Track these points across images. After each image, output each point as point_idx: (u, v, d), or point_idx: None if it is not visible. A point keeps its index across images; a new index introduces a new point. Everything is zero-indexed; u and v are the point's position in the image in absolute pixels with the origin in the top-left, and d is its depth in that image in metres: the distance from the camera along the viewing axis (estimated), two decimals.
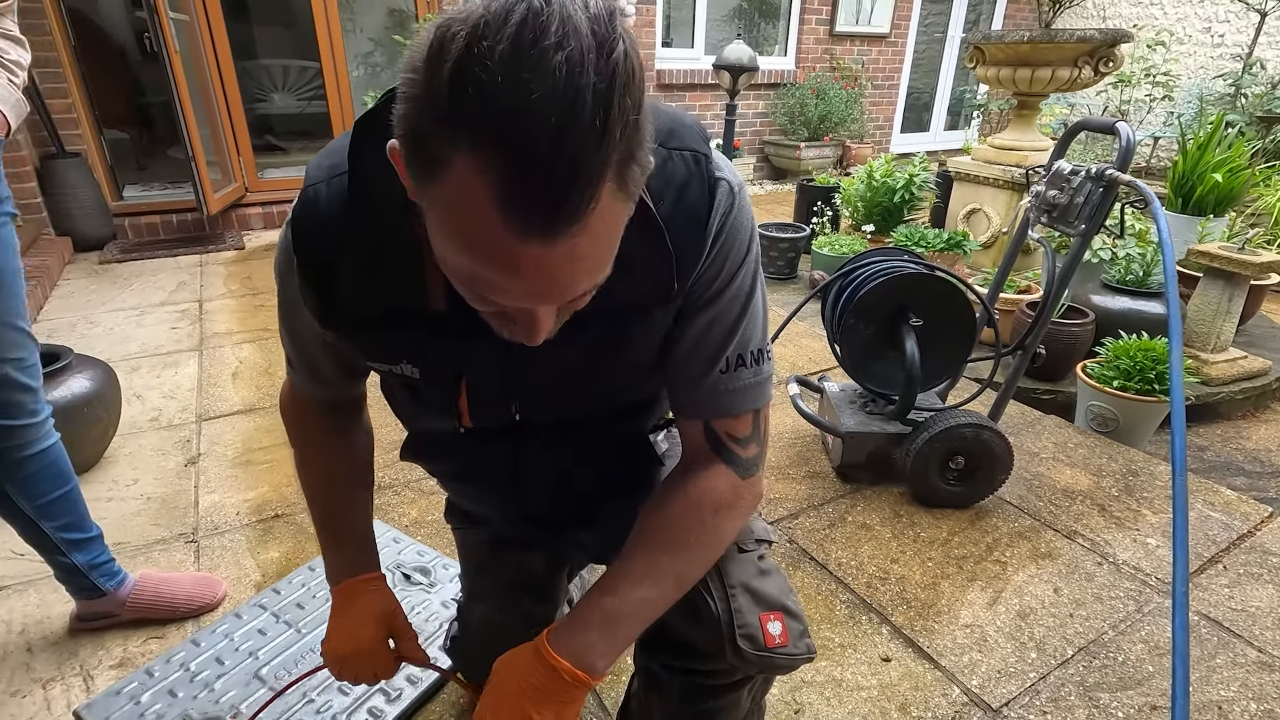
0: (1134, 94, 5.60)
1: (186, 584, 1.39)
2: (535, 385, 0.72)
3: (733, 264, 0.65)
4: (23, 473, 1.14)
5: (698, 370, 0.69)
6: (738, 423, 0.71)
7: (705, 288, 0.65)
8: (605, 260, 0.50)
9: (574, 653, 0.66)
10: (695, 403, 0.71)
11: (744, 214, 0.65)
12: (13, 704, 1.18)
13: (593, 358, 0.68)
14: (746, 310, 0.68)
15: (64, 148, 3.48)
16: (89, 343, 2.56)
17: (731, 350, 0.68)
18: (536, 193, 0.42)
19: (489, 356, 0.68)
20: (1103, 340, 2.29)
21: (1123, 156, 1.45)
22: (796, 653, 0.76)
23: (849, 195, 3.60)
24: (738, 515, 0.73)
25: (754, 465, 0.73)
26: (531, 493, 0.86)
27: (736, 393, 0.70)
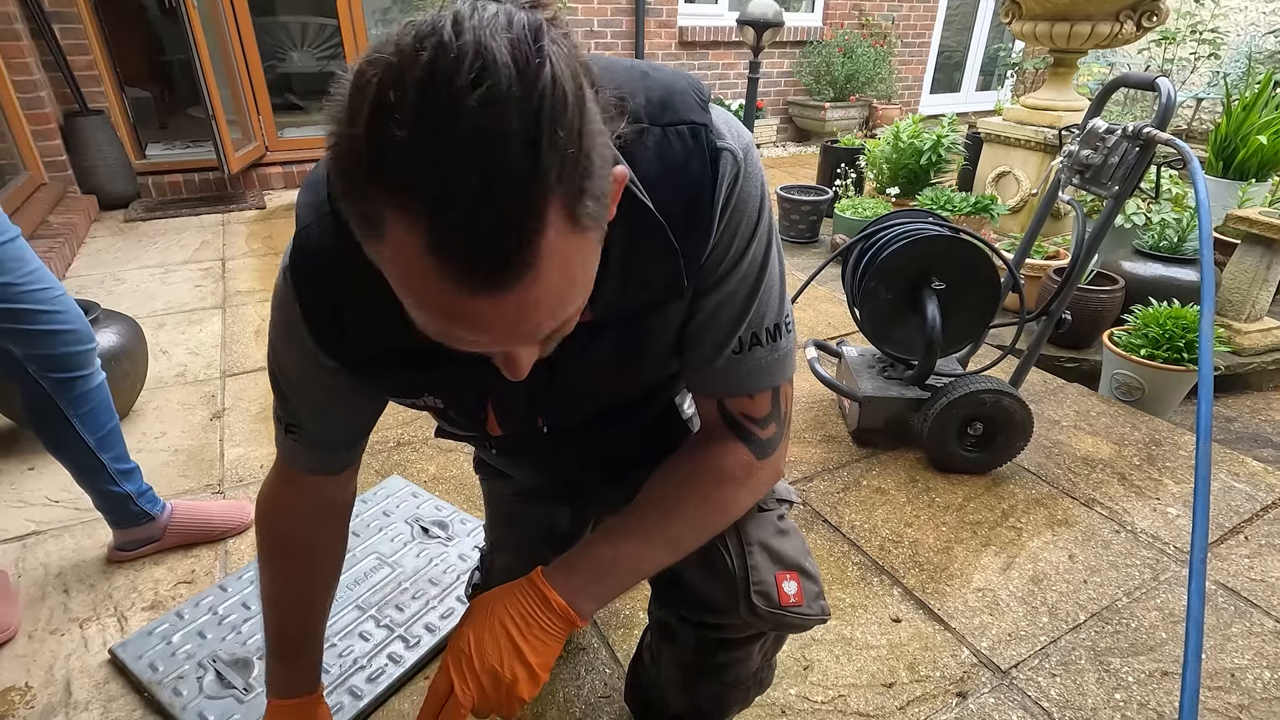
0: (1178, 52, 5.35)
1: (217, 510, 1.49)
2: (559, 399, 0.71)
3: (742, 238, 0.61)
4: (87, 406, 1.25)
5: (709, 352, 0.66)
6: (754, 403, 0.68)
7: (714, 267, 0.61)
8: (569, 296, 0.46)
9: (567, 590, 0.67)
10: (708, 383, 0.69)
11: (751, 181, 0.60)
12: (53, 641, 1.24)
13: (612, 363, 0.67)
14: (760, 285, 0.64)
15: (87, 105, 3.49)
16: (116, 299, 2.61)
17: (745, 329, 0.65)
18: (469, 250, 0.39)
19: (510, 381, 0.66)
20: (1132, 308, 2.23)
21: (1162, 114, 1.39)
22: (810, 613, 0.76)
23: (874, 157, 3.51)
24: (747, 492, 0.72)
25: (772, 445, 0.71)
26: (565, 468, 0.88)
27: (752, 373, 0.67)
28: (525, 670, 0.65)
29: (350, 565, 1.38)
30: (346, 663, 1.17)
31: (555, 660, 0.68)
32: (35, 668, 1.19)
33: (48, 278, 1.16)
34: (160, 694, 1.12)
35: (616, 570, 0.69)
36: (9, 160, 3.19)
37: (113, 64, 3.76)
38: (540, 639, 0.66)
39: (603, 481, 0.93)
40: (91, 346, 1.24)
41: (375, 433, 1.83)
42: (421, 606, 1.29)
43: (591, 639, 1.26)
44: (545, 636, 0.66)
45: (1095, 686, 1.19)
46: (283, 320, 0.65)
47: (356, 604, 1.29)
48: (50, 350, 1.17)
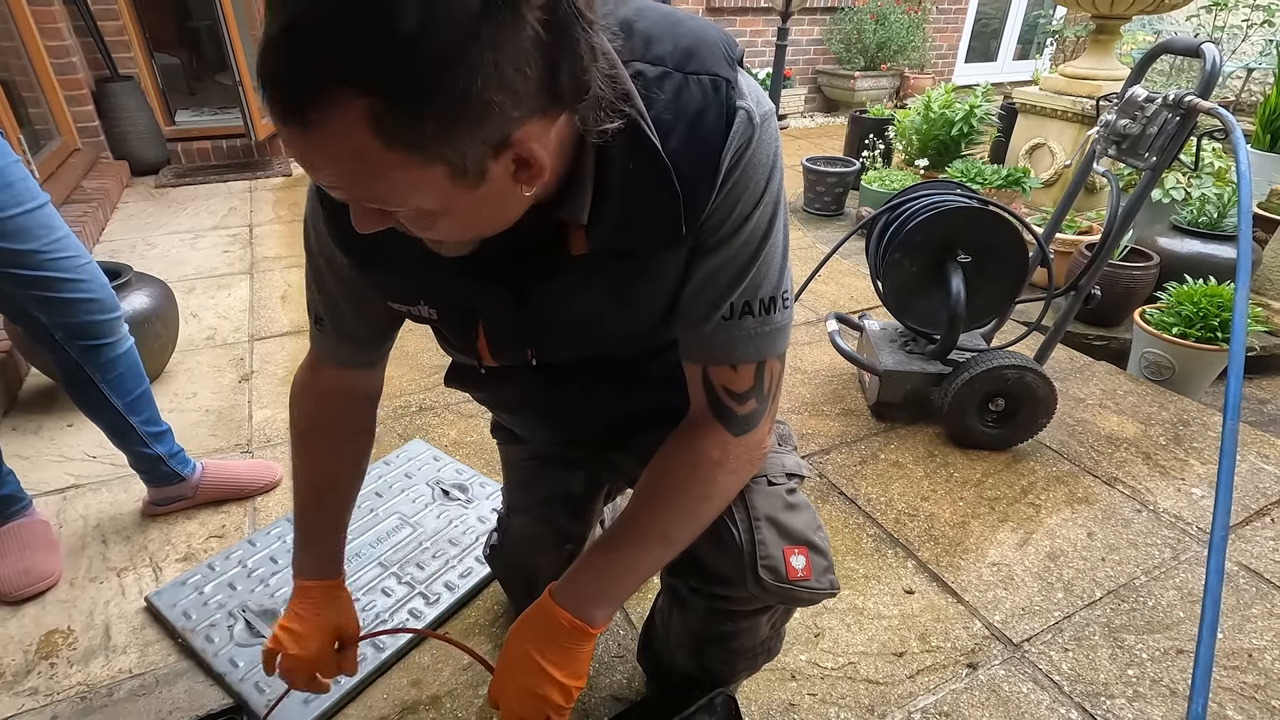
0: (1229, 19, 5.11)
1: (246, 468, 1.54)
2: (549, 331, 0.71)
3: (747, 203, 0.60)
4: (114, 372, 1.28)
5: (701, 314, 0.65)
6: (736, 375, 0.67)
7: (715, 229, 0.61)
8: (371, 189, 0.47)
9: (573, 605, 0.69)
10: (695, 347, 0.68)
11: (764, 147, 0.59)
12: (92, 588, 1.30)
13: (605, 305, 0.67)
14: (760, 254, 0.63)
15: (117, 70, 3.53)
16: (147, 263, 2.66)
17: (738, 296, 0.64)
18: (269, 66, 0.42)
19: (500, 301, 0.67)
20: (1165, 285, 2.17)
21: (1206, 81, 1.34)
22: (819, 587, 0.76)
23: (903, 128, 3.43)
24: (726, 473, 0.70)
25: (750, 423, 0.69)
26: (567, 423, 0.88)
27: (739, 341, 0.66)
28: (555, 686, 0.69)
29: (373, 524, 1.42)
30: (369, 616, 1.22)
31: (588, 664, 0.71)
32: (77, 613, 1.25)
33: (74, 246, 1.18)
34: (193, 640, 1.17)
35: (616, 576, 0.71)
36: (44, 125, 3.25)
37: (142, 29, 3.78)
38: (561, 656, 0.69)
39: (608, 442, 0.93)
40: (117, 315, 1.26)
41: (398, 397, 1.87)
42: (441, 565, 1.33)
43: None
44: (565, 653, 0.69)
45: (1108, 662, 1.19)
46: (308, 212, 0.70)
47: (379, 561, 1.33)
48: (75, 318, 1.20)
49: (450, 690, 1.12)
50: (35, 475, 1.56)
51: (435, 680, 1.14)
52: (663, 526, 0.71)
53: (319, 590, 0.84)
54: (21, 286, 1.14)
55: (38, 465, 1.60)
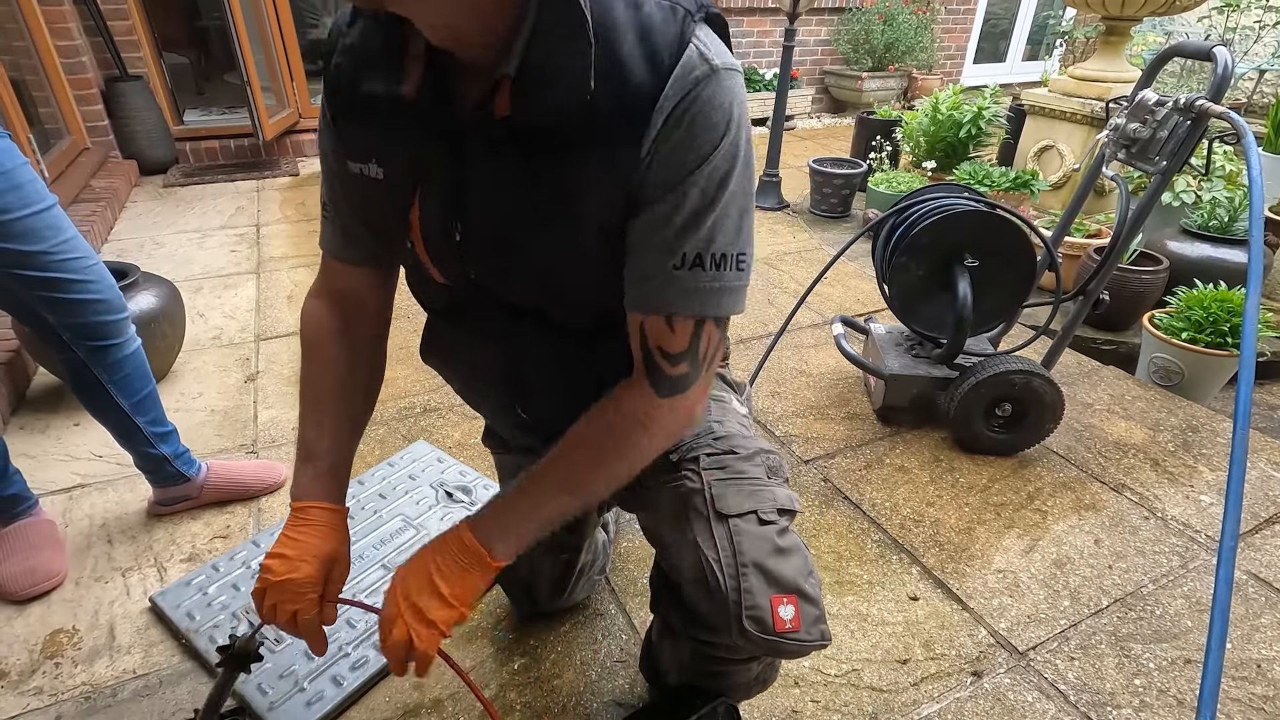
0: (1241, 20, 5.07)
1: (251, 469, 1.54)
2: (475, 206, 0.68)
3: (705, 144, 0.60)
4: (121, 372, 1.28)
5: (650, 261, 0.64)
6: (672, 334, 0.66)
7: (669, 168, 0.60)
8: None
9: (480, 531, 0.71)
10: (639, 295, 0.66)
11: (724, 94, 0.59)
12: (97, 588, 1.30)
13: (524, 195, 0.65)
14: (715, 204, 0.62)
15: (126, 70, 3.55)
16: (155, 263, 2.67)
17: (691, 245, 0.63)
18: None
19: (438, 163, 0.67)
20: (1175, 290, 2.16)
21: (1217, 85, 1.33)
22: (808, 639, 0.72)
23: (911, 129, 3.41)
24: (648, 435, 0.69)
25: (679, 386, 0.68)
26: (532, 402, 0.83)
27: (684, 292, 0.64)
28: (438, 599, 0.69)
29: (377, 526, 1.42)
30: (371, 619, 1.21)
31: (477, 594, 0.72)
32: (82, 612, 1.25)
33: (82, 247, 1.18)
34: (197, 641, 1.17)
35: (523, 514, 0.72)
36: (53, 124, 3.27)
37: (151, 29, 3.80)
38: (454, 572, 0.70)
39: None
40: (124, 316, 1.27)
41: (402, 399, 1.87)
42: None
43: (609, 605, 1.29)
44: (459, 571, 0.70)
45: (1114, 671, 1.18)
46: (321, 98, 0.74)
47: (382, 563, 1.33)
48: (83, 319, 1.20)
49: (452, 694, 1.12)
50: (42, 474, 1.57)
51: (437, 684, 1.14)
52: (573, 477, 0.71)
53: (316, 511, 0.77)
54: (30, 287, 1.14)
55: (44, 464, 1.61)
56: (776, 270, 2.79)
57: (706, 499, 0.76)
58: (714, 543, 0.73)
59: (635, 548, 1.42)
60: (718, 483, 0.78)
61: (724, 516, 0.75)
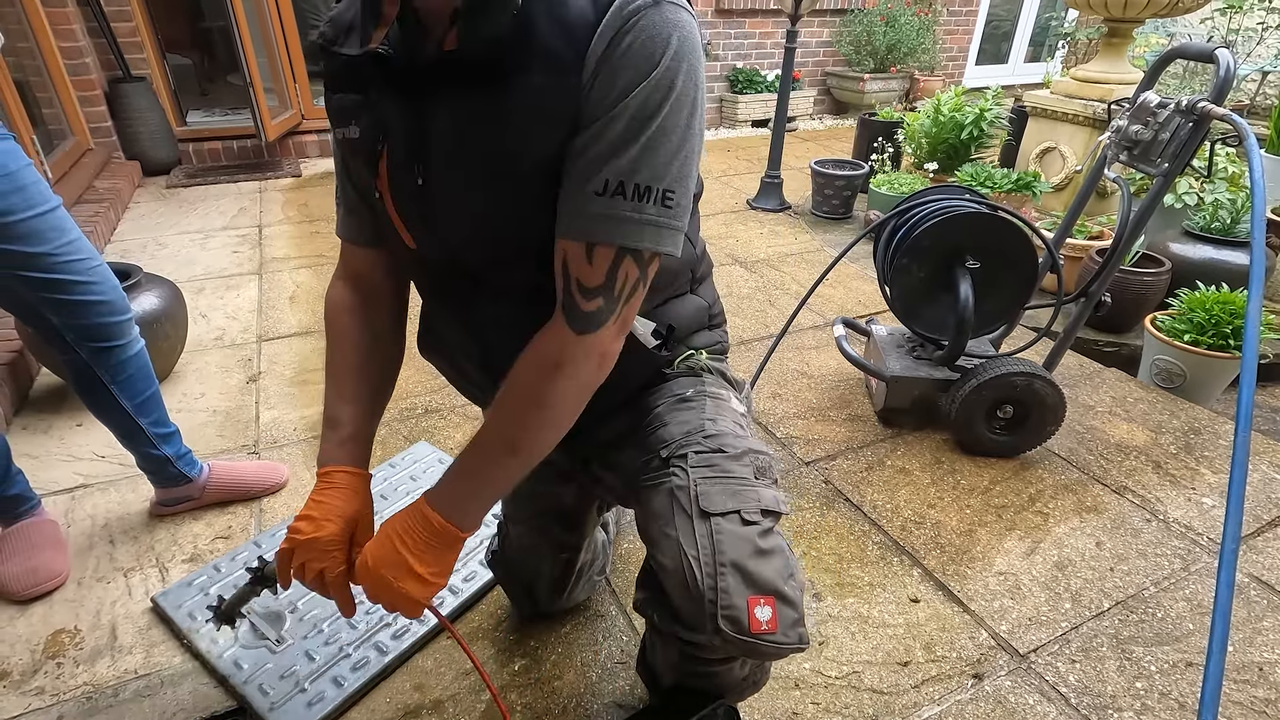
0: (1244, 22, 5.06)
1: (253, 469, 1.54)
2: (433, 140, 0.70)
3: (638, 72, 0.61)
4: (124, 374, 1.29)
5: (574, 186, 0.65)
6: (590, 267, 0.66)
7: (605, 93, 0.61)
8: None
9: (447, 509, 0.74)
10: (563, 219, 0.67)
11: (662, 27, 0.60)
12: (99, 588, 1.31)
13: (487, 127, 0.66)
14: (643, 133, 0.62)
15: (130, 71, 3.56)
16: (158, 264, 2.68)
17: (614, 172, 0.63)
18: None
19: (401, 110, 0.70)
20: (1177, 292, 2.15)
21: (1219, 87, 1.32)
22: (785, 641, 0.71)
23: (912, 131, 3.41)
24: (567, 376, 0.70)
25: (593, 322, 0.68)
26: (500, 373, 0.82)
27: (603, 219, 0.64)
28: (416, 579, 0.74)
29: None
30: (373, 619, 1.22)
31: (453, 564, 0.77)
32: (84, 612, 1.26)
33: (86, 248, 1.19)
34: (198, 642, 1.17)
35: (478, 482, 0.75)
36: (57, 125, 3.28)
37: (155, 30, 3.81)
38: (430, 554, 0.74)
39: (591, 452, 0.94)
40: (127, 317, 1.27)
41: (404, 400, 1.87)
42: None
43: (610, 607, 1.29)
44: (434, 552, 0.74)
45: (1116, 674, 1.18)
46: None
47: None
48: (86, 320, 1.21)
49: (453, 695, 1.12)
50: (44, 474, 1.57)
51: (438, 685, 1.14)
52: (509, 434, 0.73)
53: (340, 475, 0.81)
54: (34, 289, 1.14)
55: (47, 464, 1.62)
56: (778, 271, 2.79)
57: (691, 496, 0.76)
58: (695, 540, 0.73)
59: (636, 549, 1.42)
60: (704, 480, 0.77)
61: (707, 514, 0.74)
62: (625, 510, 1.50)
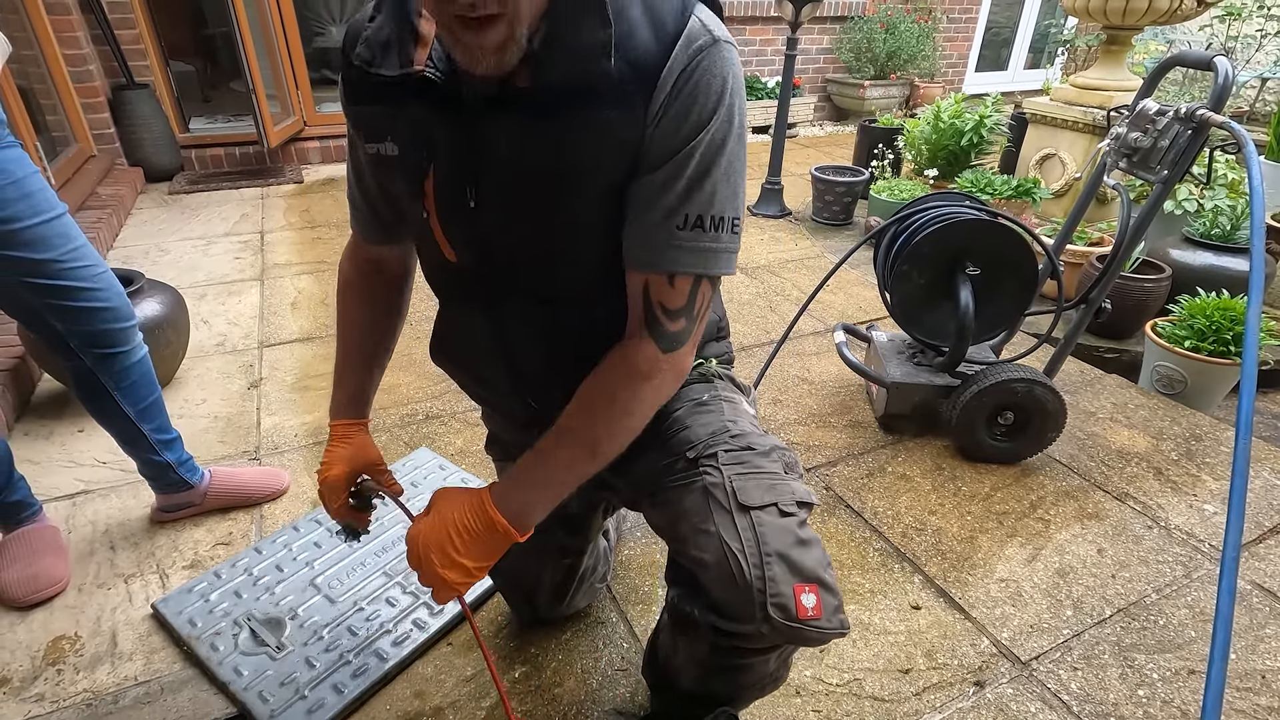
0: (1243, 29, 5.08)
1: (254, 475, 1.54)
2: (488, 172, 0.71)
3: (704, 110, 0.65)
4: (128, 380, 1.29)
5: (653, 220, 0.69)
6: (673, 290, 0.71)
7: (672, 132, 0.65)
8: None
9: (512, 511, 0.74)
10: (642, 251, 0.71)
11: (721, 64, 0.64)
12: (99, 594, 1.31)
13: (545, 154, 0.68)
14: (715, 166, 0.67)
15: (133, 78, 3.57)
16: (160, 270, 2.69)
17: (694, 207, 0.68)
18: None
19: (452, 133, 0.71)
20: (1178, 298, 2.15)
21: (1217, 95, 1.33)
22: (829, 627, 0.74)
23: (912, 138, 3.42)
24: (652, 389, 0.74)
25: (679, 340, 0.73)
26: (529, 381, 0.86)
27: (685, 250, 0.69)
28: (462, 570, 0.75)
29: (379, 533, 1.42)
30: (373, 626, 1.22)
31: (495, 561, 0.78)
32: (84, 619, 1.26)
33: (90, 255, 1.19)
34: (198, 648, 1.17)
35: (545, 482, 0.76)
36: (60, 132, 3.30)
37: (158, 37, 3.84)
38: (481, 551, 0.75)
39: None
40: (131, 323, 1.28)
41: (404, 405, 1.87)
42: None
43: (610, 614, 1.28)
44: (487, 550, 0.75)
45: (1118, 682, 1.17)
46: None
47: (384, 570, 1.33)
48: (90, 327, 1.21)
49: (453, 702, 1.12)
50: (46, 480, 1.58)
51: (438, 691, 1.14)
52: (590, 435, 0.75)
53: (341, 428, 0.96)
54: (39, 295, 1.15)
55: (48, 470, 1.62)
56: (779, 278, 2.80)
57: (728, 492, 0.78)
58: (737, 534, 0.75)
59: (636, 555, 1.42)
60: (738, 476, 0.80)
61: (746, 508, 0.77)
62: (627, 518, 1.50)
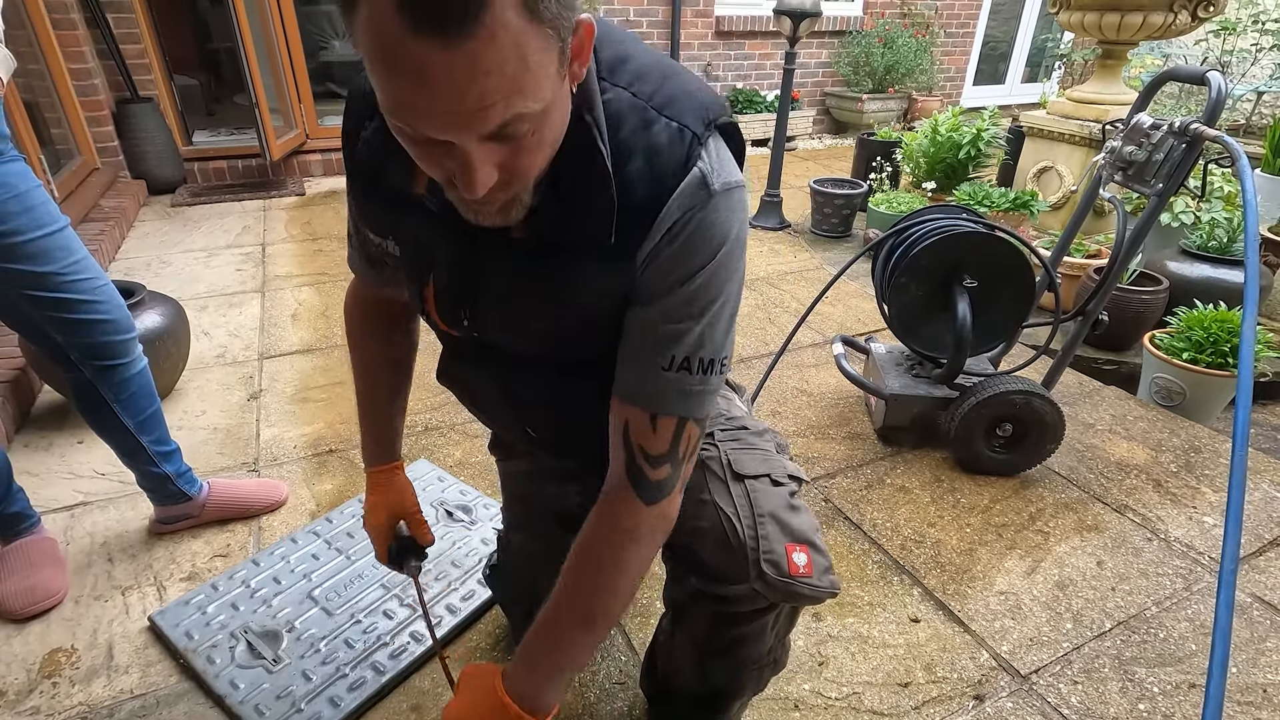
0: (1238, 43, 5.12)
1: (252, 487, 1.55)
2: (484, 297, 0.72)
3: (700, 258, 0.63)
4: (126, 392, 1.29)
5: (641, 358, 0.68)
6: (655, 435, 0.68)
7: (661, 277, 0.64)
8: (522, 84, 0.48)
9: (526, 696, 0.70)
10: (629, 379, 0.69)
11: (724, 216, 0.63)
12: (96, 606, 1.30)
13: (538, 291, 0.69)
14: (706, 314, 0.65)
15: (137, 92, 3.61)
16: (162, 281, 2.70)
17: (681, 350, 0.66)
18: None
19: (451, 252, 0.70)
20: (1175, 310, 2.16)
21: (1211, 109, 1.34)
22: (820, 585, 0.77)
23: (910, 150, 3.44)
24: (643, 546, 0.71)
25: (662, 490, 0.70)
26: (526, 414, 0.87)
27: (669, 392, 0.67)
28: None
29: None
30: (370, 639, 1.21)
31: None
32: (81, 631, 1.25)
33: (92, 268, 1.20)
34: (195, 661, 1.17)
35: (554, 662, 0.73)
36: (64, 145, 3.32)
37: (162, 52, 3.87)
38: None
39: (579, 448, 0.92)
40: (131, 335, 1.28)
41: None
42: (444, 588, 1.32)
43: None
44: None
45: (1118, 695, 1.17)
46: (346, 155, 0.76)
47: (382, 583, 1.33)
48: (91, 339, 1.21)
49: None
50: (45, 492, 1.58)
51: (434, 706, 1.13)
52: (586, 608, 0.72)
53: (374, 475, 0.97)
54: (40, 308, 1.16)
55: (48, 482, 1.62)
56: (777, 289, 2.81)
57: (724, 463, 0.81)
58: (731, 500, 0.78)
59: None
60: (733, 450, 0.83)
61: (741, 477, 0.80)
62: None
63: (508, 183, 0.56)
